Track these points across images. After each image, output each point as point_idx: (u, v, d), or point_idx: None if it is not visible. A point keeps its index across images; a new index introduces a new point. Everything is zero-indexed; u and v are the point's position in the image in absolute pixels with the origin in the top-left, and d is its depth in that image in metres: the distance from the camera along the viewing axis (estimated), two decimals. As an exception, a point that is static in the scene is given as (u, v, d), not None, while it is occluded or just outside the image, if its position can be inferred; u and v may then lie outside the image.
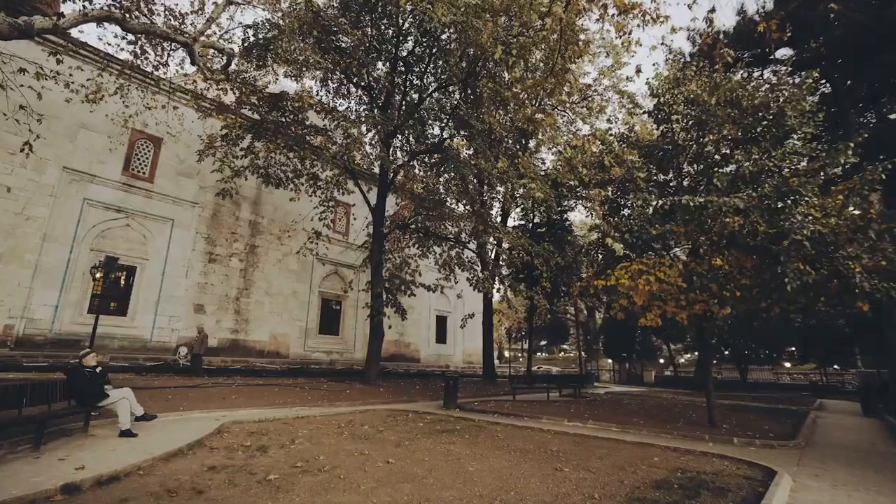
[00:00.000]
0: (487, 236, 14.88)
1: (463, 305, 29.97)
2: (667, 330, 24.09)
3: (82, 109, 14.75)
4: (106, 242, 16.64)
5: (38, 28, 7.54)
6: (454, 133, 15.85)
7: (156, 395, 10.11)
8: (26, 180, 15.10)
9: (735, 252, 7.98)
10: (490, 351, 21.50)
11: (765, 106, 8.27)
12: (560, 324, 45.44)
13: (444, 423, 8.98)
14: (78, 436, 6.70)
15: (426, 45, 16.93)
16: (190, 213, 19.05)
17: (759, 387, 26.38)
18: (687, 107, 9.70)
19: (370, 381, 14.80)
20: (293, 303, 22.17)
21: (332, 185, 17.43)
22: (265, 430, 7.40)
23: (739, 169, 8.31)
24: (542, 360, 56.10)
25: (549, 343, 58.75)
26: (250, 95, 15.62)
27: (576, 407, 12.92)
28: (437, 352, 30.32)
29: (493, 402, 13.51)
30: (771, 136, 8.52)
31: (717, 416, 9.81)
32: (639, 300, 8.47)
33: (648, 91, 10.67)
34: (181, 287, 18.26)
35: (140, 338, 16.95)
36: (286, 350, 21.58)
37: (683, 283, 8.46)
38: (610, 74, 19.37)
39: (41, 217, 15.22)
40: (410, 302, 28.60)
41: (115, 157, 17.06)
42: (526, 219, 24.83)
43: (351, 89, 18.62)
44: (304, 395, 12.25)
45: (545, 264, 16.68)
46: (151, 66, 13.61)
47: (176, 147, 18.27)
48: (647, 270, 8.20)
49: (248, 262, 20.83)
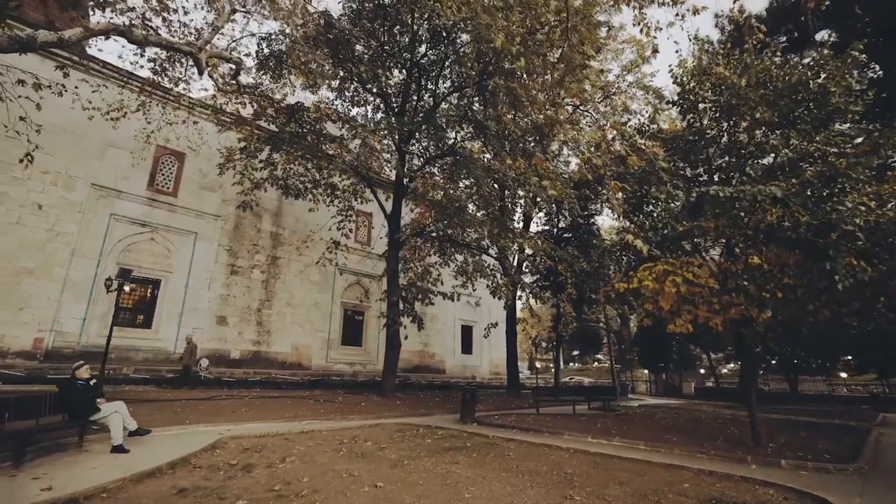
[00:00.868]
0: (507, 241, 14.24)
1: (489, 314, 29.20)
2: (704, 338, 22.54)
3: (110, 128, 15.11)
4: (131, 256, 17.00)
5: (41, 41, 7.61)
6: (470, 134, 15.42)
7: (165, 408, 9.98)
8: (57, 198, 15.63)
9: (775, 248, 7.07)
10: (514, 362, 20.66)
11: (803, 85, 7.38)
12: (592, 332, 43.87)
13: (454, 439, 8.37)
14: (71, 451, 6.51)
15: (441, 49, 16.65)
16: (212, 225, 19.33)
17: (812, 399, 24.18)
18: (714, 92, 8.87)
19: (387, 393, 14.34)
20: (315, 314, 22.09)
21: (349, 194, 17.32)
22: (261, 447, 7.02)
23: (777, 157, 7.43)
24: (574, 371, 54.25)
25: (581, 353, 56.84)
26: (267, 108, 15.75)
27: (603, 421, 12.00)
28: (462, 363, 29.60)
29: (515, 415, 12.77)
30: (813, 118, 7.60)
31: (762, 433, 8.77)
32: (665, 304, 7.65)
33: (672, 79, 9.90)
34: (204, 299, 18.45)
35: (164, 350, 17.15)
36: (308, 361, 21.45)
37: (716, 284, 7.59)
38: (633, 69, 18.49)
39: (70, 233, 15.69)
40: (434, 311, 28.15)
41: (140, 172, 17.51)
42: (550, 224, 23.98)
43: (367, 97, 18.55)
44: (316, 408, 11.91)
45: (569, 269, 15.87)
46: (171, 82, 13.93)
47: (199, 161, 18.60)
48: (674, 271, 7.39)
49: (270, 273, 20.92)
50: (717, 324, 7.72)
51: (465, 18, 12.14)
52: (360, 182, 17.17)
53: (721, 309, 7.66)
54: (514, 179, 12.14)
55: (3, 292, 14.28)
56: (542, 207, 21.85)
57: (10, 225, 14.70)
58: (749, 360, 9.85)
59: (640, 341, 31.42)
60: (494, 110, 14.26)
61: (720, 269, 7.91)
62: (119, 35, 8.98)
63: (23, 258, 14.73)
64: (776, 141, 7.18)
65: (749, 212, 6.96)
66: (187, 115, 16.58)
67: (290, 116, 15.74)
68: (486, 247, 18.77)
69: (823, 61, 7.36)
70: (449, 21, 11.87)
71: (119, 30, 8.91)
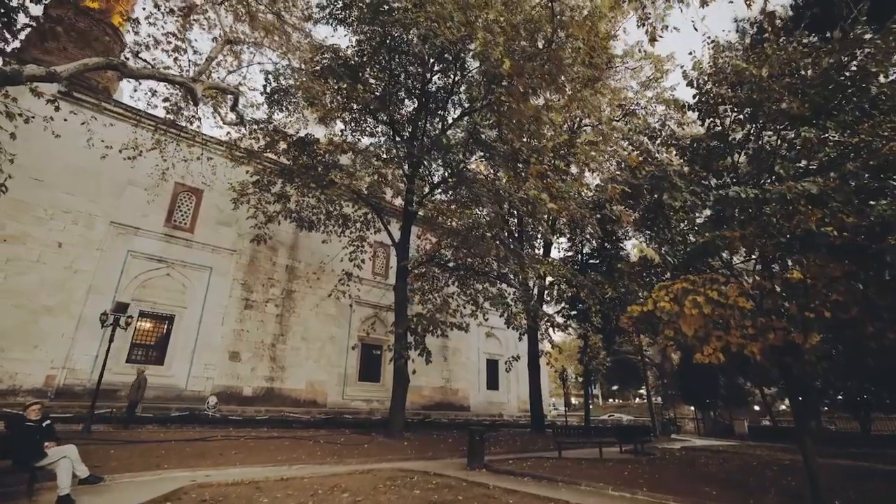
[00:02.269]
0: (515, 266, 13.29)
1: (515, 347, 27.72)
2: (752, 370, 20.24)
3: (129, 167, 15.50)
4: (146, 292, 17.10)
5: (27, 75, 7.65)
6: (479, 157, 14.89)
7: (149, 451, 9.39)
8: (77, 236, 16.02)
9: (816, 258, 5.88)
10: (537, 398, 19.12)
11: (837, 68, 6.35)
12: (630, 365, 41.09)
13: (447, 490, 7.29)
14: (20, 501, 5.96)
15: (450, 76, 16.47)
16: (228, 260, 19.36)
17: (888, 442, 20.99)
18: (734, 89, 7.93)
19: (394, 433, 13.29)
20: (331, 348, 21.47)
21: (359, 223, 17.03)
22: (223, 496, 6.22)
23: (811, 150, 6.34)
24: (613, 407, 50.77)
25: (620, 387, 53.40)
26: (279, 140, 15.87)
27: (633, 468, 10.49)
28: (487, 399, 28.02)
29: (532, 460, 11.42)
30: (853, 106, 6.50)
31: (822, 486, 7.20)
32: (688, 329, 6.49)
33: (686, 81, 9.03)
34: (217, 334, 18.23)
35: (175, 386, 16.86)
36: (323, 398, 20.68)
37: (748, 304, 6.39)
38: (652, 84, 17.68)
39: (88, 270, 15.95)
40: (455, 344, 27.01)
41: (158, 209, 17.86)
42: (574, 249, 22.78)
43: (378, 127, 18.48)
44: (314, 450, 11.04)
45: (590, 296, 14.66)
46: (186, 121, 14.23)
47: (215, 197, 18.86)
48: (695, 289, 6.29)
49: (285, 307, 20.62)
50: (755, 352, 6.47)
51: (464, 37, 11.87)
52: (371, 211, 16.86)
53: (757, 334, 6.43)
54: (522, 200, 11.35)
55: (20, 330, 14.48)
56: (564, 233, 20.80)
57: (32, 263, 15.07)
58: (800, 396, 8.33)
59: (683, 374, 28.90)
60: (500, 132, 13.69)
61: (753, 287, 6.72)
62: (112, 69, 9.07)
63: (41, 296, 14.99)
64: (807, 133, 6.11)
65: (781, 216, 5.85)
66: (201, 153, 16.95)
67: (302, 149, 15.76)
68: (505, 275, 17.84)
69: (859, 40, 6.33)
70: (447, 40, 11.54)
71: (112, 64, 9.00)
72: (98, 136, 14.98)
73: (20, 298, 14.61)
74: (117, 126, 16.93)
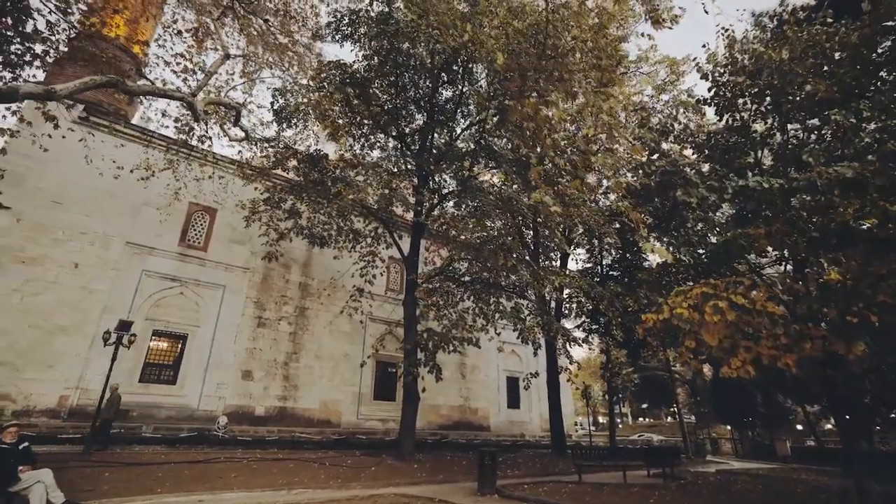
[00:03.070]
0: (527, 275, 12.67)
1: (536, 363, 26.73)
2: (791, 384, 18.77)
3: (143, 188, 15.73)
4: (160, 311, 17.15)
5: (23, 93, 7.69)
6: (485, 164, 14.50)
7: (147, 473, 9.09)
8: (94, 257, 16.25)
9: (856, 255, 5.15)
10: (558, 417, 18.15)
11: (868, 44, 5.69)
12: (660, 382, 39.25)
13: (449, 519, 6.67)
14: (-8, 528, 5.67)
15: (458, 87, 16.27)
16: (241, 278, 19.35)
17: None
18: (752, 78, 7.32)
19: (404, 455, 12.66)
20: (345, 366, 21.07)
21: (369, 238, 16.78)
22: (204, 527, 5.79)
23: (845, 137, 5.67)
24: (644, 427, 48.51)
25: (650, 406, 51.09)
26: (289, 157, 15.88)
27: (660, 495, 9.58)
28: (509, 418, 27.00)
29: (550, 484, 10.62)
30: (890, 85, 5.81)
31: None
32: (711, 338, 5.79)
33: (700, 75, 8.47)
34: (229, 353, 18.11)
35: (187, 406, 16.71)
36: (337, 418, 20.22)
37: (779, 309, 5.67)
38: (668, 87, 17.08)
39: (103, 290, 16.11)
40: (473, 361, 26.23)
41: (172, 228, 18.06)
42: (593, 261, 21.95)
43: (389, 142, 18.37)
44: (318, 473, 10.55)
45: (610, 308, 13.88)
46: (199, 140, 14.37)
47: (228, 216, 18.99)
48: (716, 294, 5.62)
49: (298, 325, 20.42)
50: (789, 364, 5.71)
51: (466, 43, 11.62)
52: (381, 225, 16.63)
53: (792, 343, 5.68)
54: (530, 207, 10.83)
55: (36, 350, 14.63)
56: (581, 244, 20.08)
57: (49, 284, 15.30)
58: (846, 414, 7.41)
59: (715, 391, 27.25)
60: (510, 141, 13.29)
61: (784, 290, 6.00)
62: (111, 87, 9.11)
63: (57, 316, 15.16)
64: (838, 115, 5.44)
65: (812, 209, 5.18)
66: (212, 172, 17.11)
67: (313, 165, 15.70)
68: (521, 289, 17.18)
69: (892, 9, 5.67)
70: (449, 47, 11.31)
71: (111, 82, 9.04)
72: (113, 158, 15.30)
73: (37, 318, 14.81)
74: (133, 148, 17.31)
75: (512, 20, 11.88)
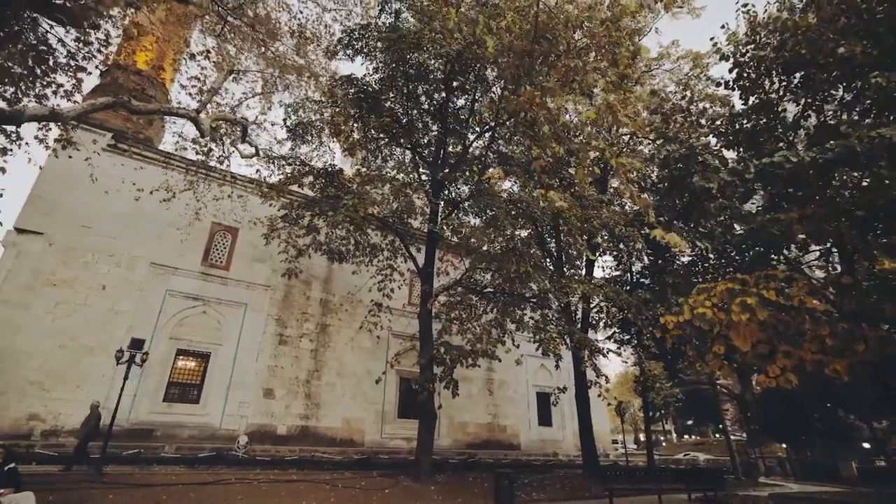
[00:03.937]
0: (544, 282, 11.96)
1: (568, 377, 25.52)
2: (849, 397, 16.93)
3: (167, 209, 16.07)
4: (183, 330, 17.37)
5: (28, 115, 7.86)
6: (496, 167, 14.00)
7: (149, 496, 8.88)
8: (120, 278, 16.68)
9: (914, 237, 4.32)
10: (589, 435, 16.97)
11: (910, -5, 4.91)
12: (704, 396, 36.81)
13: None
14: (-24, 553, 5.47)
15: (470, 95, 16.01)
16: (262, 296, 19.45)
17: None
18: (777, 52, 6.58)
19: (420, 476, 11.99)
20: (367, 383, 20.63)
21: (386, 251, 16.54)
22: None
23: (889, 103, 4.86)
24: (690, 445, 45.52)
25: (696, 422, 48.05)
26: (305, 173, 15.92)
27: (700, 523, 8.54)
28: (540, 436, 25.79)
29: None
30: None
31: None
32: (742, 342, 5.01)
33: (719, 56, 7.78)
34: (251, 371, 18.09)
35: (209, 425, 16.70)
36: (360, 437, 19.77)
37: (823, 305, 4.85)
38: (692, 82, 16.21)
39: (128, 311, 16.46)
40: (501, 377, 25.31)
41: (195, 248, 18.40)
42: (621, 268, 20.86)
43: (406, 154, 18.21)
44: (327, 495, 10.08)
45: (638, 316, 12.95)
46: (219, 161, 14.62)
47: (249, 234, 19.19)
48: (744, 289, 4.86)
49: (319, 342, 20.27)
50: (839, 371, 4.84)
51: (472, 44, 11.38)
52: (396, 237, 16.36)
53: (840, 346, 4.83)
54: (543, 211, 10.24)
55: (64, 371, 15.00)
56: (606, 250, 19.13)
57: (78, 305, 15.77)
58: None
59: (765, 406, 25.13)
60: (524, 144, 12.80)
61: (828, 283, 5.16)
62: (118, 107, 9.25)
63: (84, 337, 15.56)
64: (880, 79, 4.67)
65: (854, 185, 4.40)
66: (231, 190, 17.39)
67: (329, 180, 15.66)
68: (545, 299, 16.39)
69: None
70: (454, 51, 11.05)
71: (118, 102, 9.20)
72: (138, 182, 15.80)
73: (66, 339, 15.23)
74: (156, 171, 17.83)
75: (521, 21, 11.54)
